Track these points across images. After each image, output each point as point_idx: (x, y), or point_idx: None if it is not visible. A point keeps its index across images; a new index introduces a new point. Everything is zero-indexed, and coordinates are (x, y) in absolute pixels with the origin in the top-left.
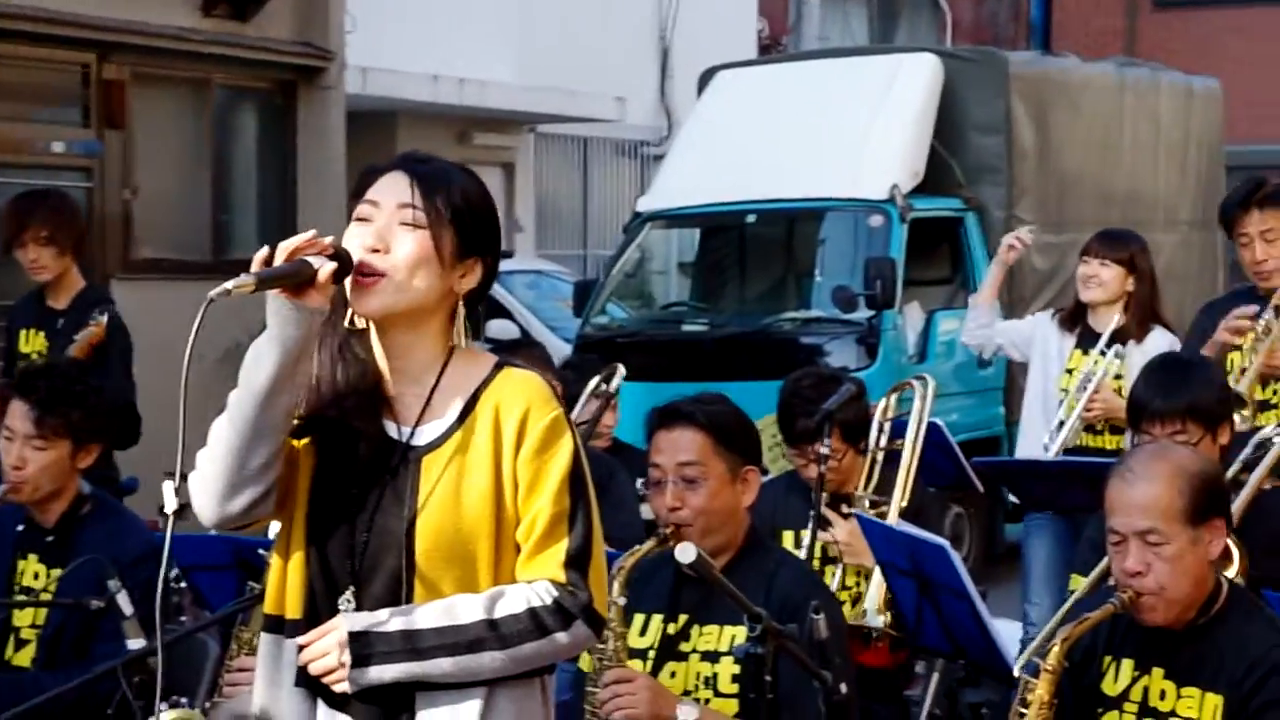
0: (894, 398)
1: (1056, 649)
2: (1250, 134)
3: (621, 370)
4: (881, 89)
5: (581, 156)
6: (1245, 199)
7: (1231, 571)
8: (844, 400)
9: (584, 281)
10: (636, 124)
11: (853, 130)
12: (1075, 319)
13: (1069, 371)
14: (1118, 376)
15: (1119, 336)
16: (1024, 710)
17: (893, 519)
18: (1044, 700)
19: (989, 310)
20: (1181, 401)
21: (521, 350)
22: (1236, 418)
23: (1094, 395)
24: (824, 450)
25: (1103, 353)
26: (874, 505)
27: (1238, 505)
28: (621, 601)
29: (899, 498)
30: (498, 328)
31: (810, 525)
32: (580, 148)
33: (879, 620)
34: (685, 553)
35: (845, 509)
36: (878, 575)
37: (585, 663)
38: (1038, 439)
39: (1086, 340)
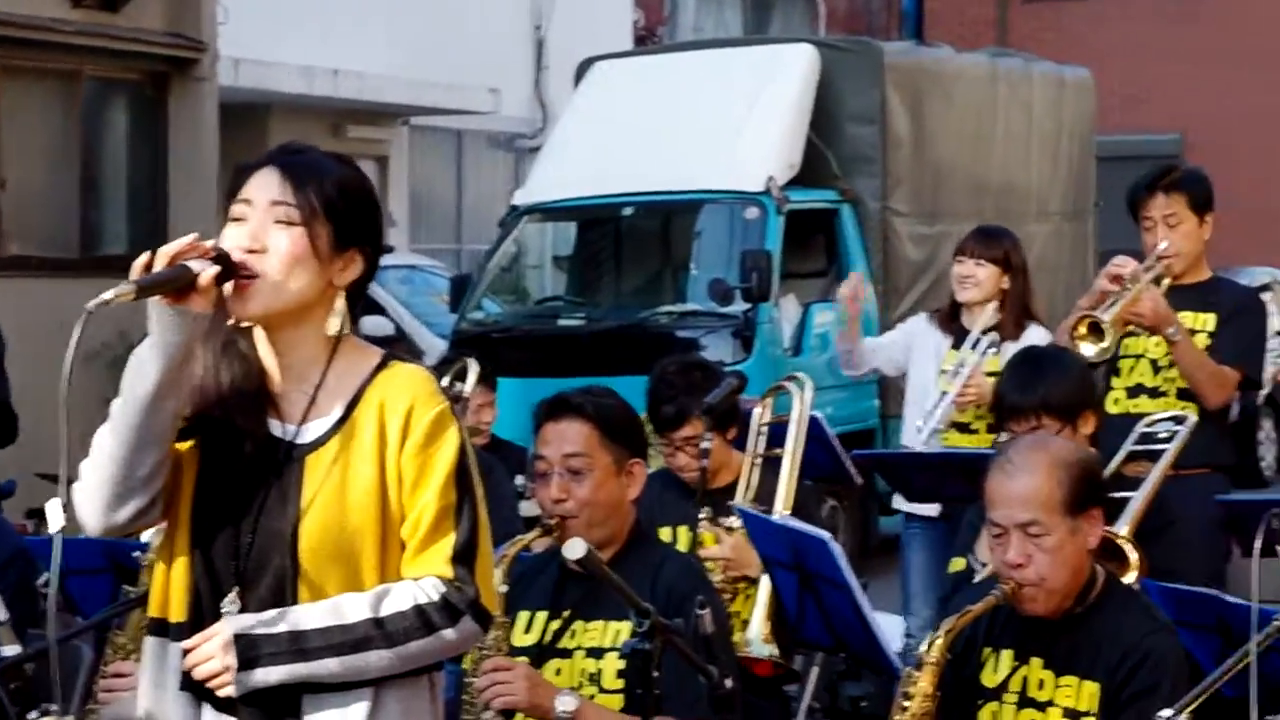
0: (771, 400)
1: (939, 641)
2: (1120, 124)
3: (475, 369)
4: (758, 80)
5: (456, 149)
6: (1153, 182)
7: (1130, 577)
8: (725, 394)
9: (460, 276)
10: (511, 116)
11: (729, 122)
12: (951, 318)
13: (944, 372)
14: (993, 374)
15: (993, 333)
16: (906, 703)
17: (781, 509)
18: (926, 692)
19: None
20: (1036, 396)
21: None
22: (1091, 349)
23: (968, 382)
24: (706, 445)
25: (973, 346)
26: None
27: (1134, 513)
28: (503, 589)
29: (782, 504)
30: (372, 324)
31: (695, 530)
32: (455, 140)
33: (765, 650)
34: (574, 548)
35: (725, 522)
36: (762, 600)
37: (467, 660)
38: (915, 440)
39: (963, 339)
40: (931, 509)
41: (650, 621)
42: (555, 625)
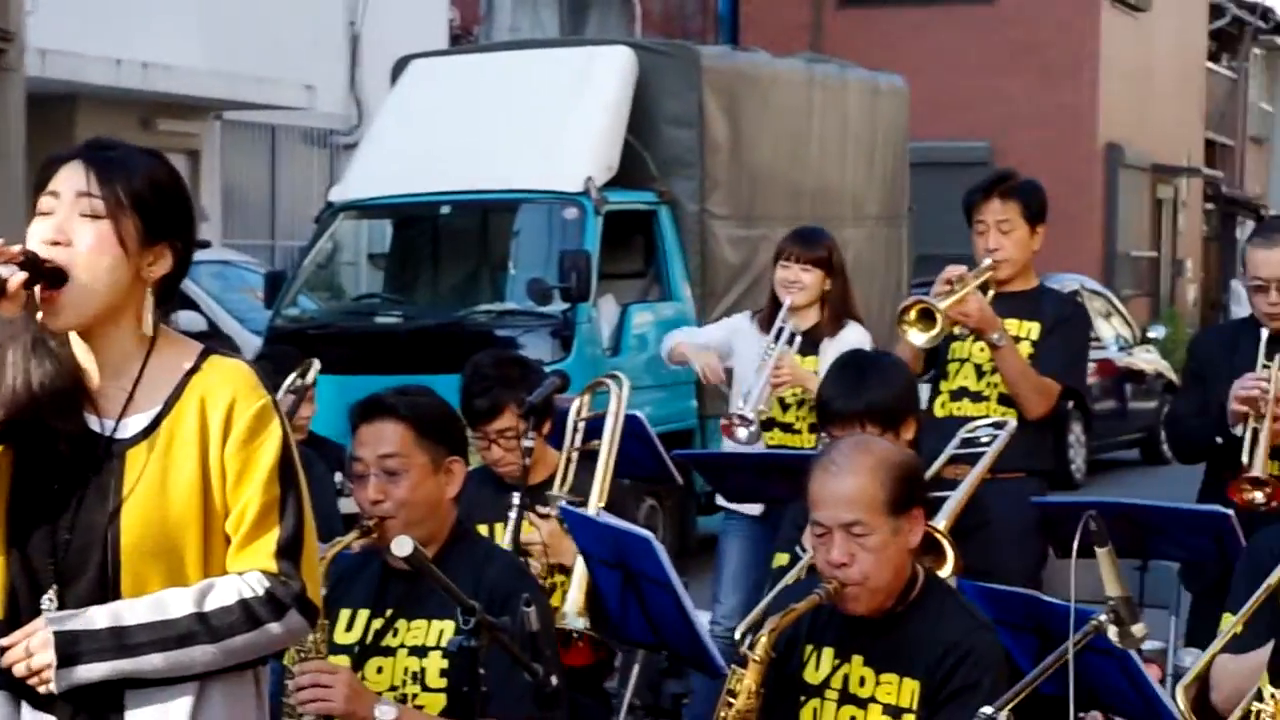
0: (589, 397)
1: (764, 639)
2: (931, 131)
3: (317, 364)
4: (576, 81)
5: (270, 145)
6: (990, 187)
7: (946, 571)
8: (547, 393)
9: (275, 272)
10: (326, 112)
11: (548, 122)
12: (773, 319)
13: None
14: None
15: (813, 334)
16: (731, 700)
17: (594, 509)
18: (751, 689)
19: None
20: (859, 403)
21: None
22: (921, 336)
23: (779, 363)
24: (529, 444)
25: (776, 338)
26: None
27: (952, 509)
28: (322, 593)
29: (597, 497)
30: (185, 320)
31: (509, 534)
32: (268, 136)
33: (579, 623)
34: (401, 545)
35: (542, 510)
36: (578, 576)
37: (288, 657)
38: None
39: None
40: (754, 508)
41: (476, 619)
42: (378, 624)
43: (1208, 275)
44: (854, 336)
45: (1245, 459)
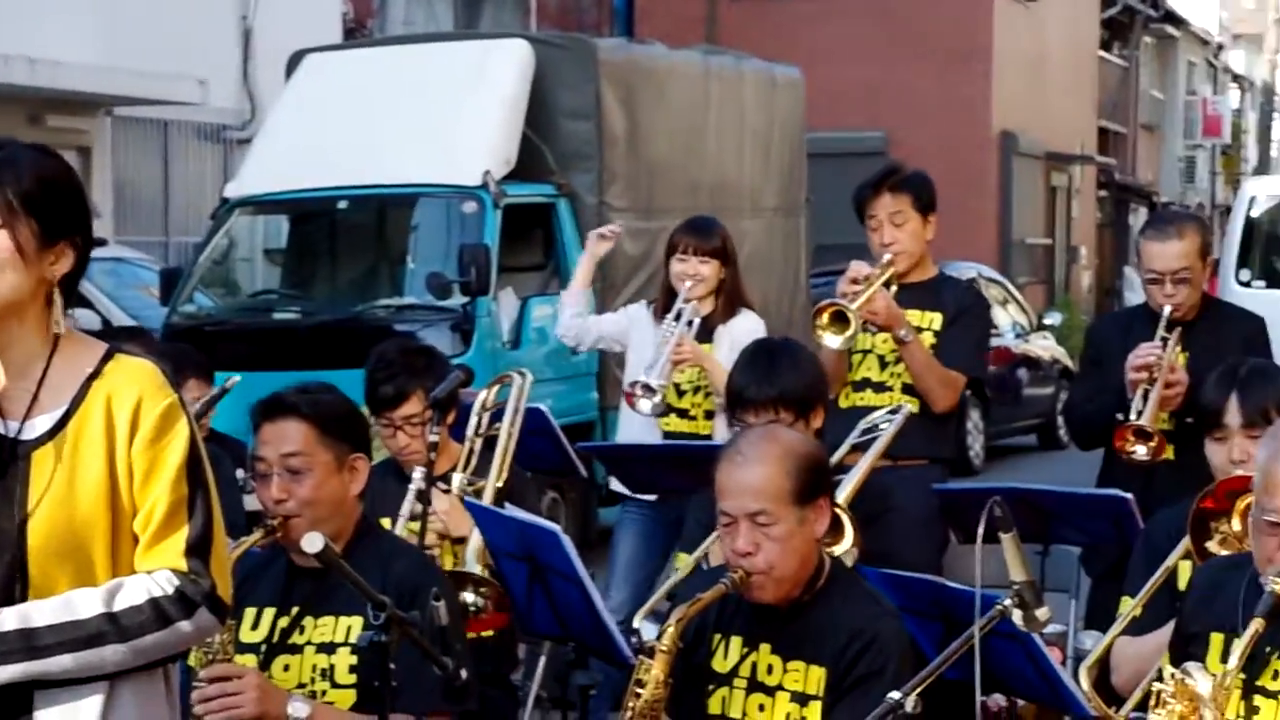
0: (494, 390)
1: (671, 629)
2: (826, 122)
3: (236, 378)
4: (473, 75)
5: (162, 140)
6: (879, 182)
7: (844, 546)
8: (452, 387)
9: (170, 269)
10: (219, 107)
11: (445, 116)
12: (668, 310)
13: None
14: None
15: (708, 322)
16: (639, 690)
17: (488, 500)
18: (659, 680)
19: (581, 300)
20: (773, 390)
21: (140, 337)
22: (836, 339)
23: (680, 341)
24: (434, 439)
25: (676, 318)
26: (470, 484)
27: (851, 486)
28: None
29: (494, 480)
30: (80, 318)
31: (407, 505)
32: (160, 131)
33: (477, 567)
34: (312, 542)
35: (442, 486)
36: (476, 534)
37: (193, 658)
38: (637, 426)
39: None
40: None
41: (386, 614)
42: (284, 622)
43: (1102, 262)
44: (748, 324)
45: (1134, 414)
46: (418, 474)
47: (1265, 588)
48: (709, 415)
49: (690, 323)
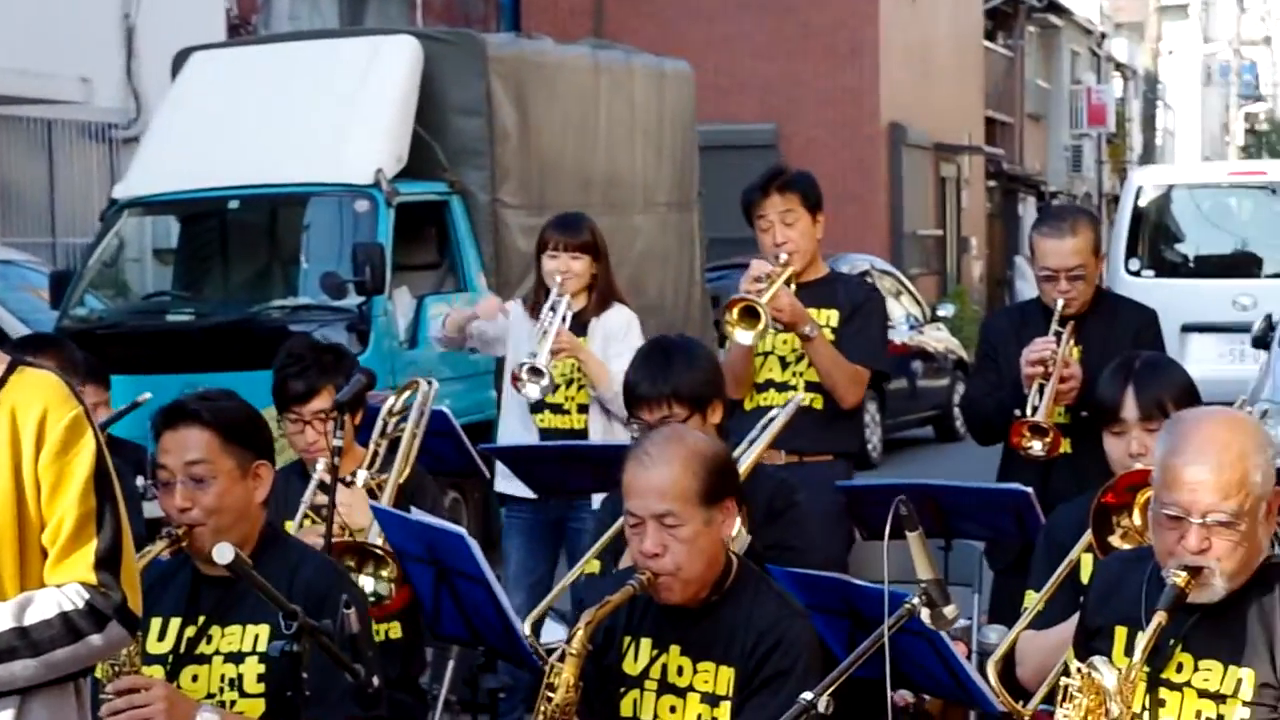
0: (403, 396)
1: (581, 633)
2: (715, 114)
3: (147, 395)
4: (361, 72)
5: (46, 140)
6: (766, 184)
7: (732, 532)
8: (356, 390)
9: (60, 272)
10: (104, 106)
11: (335, 114)
12: (541, 308)
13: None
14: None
15: (581, 317)
16: (551, 694)
17: (387, 500)
18: (569, 683)
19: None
20: (667, 386)
21: (49, 349)
22: (748, 334)
23: (558, 335)
24: (338, 443)
25: (552, 309)
26: (373, 479)
27: (745, 465)
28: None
29: (395, 476)
30: None
31: (308, 494)
32: (44, 130)
33: (379, 540)
34: (223, 553)
35: (348, 479)
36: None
37: (100, 670)
38: (516, 424)
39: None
40: (529, 492)
41: (298, 623)
42: (190, 631)
43: (992, 252)
44: (620, 317)
45: (1030, 409)
46: (320, 465)
47: (1167, 581)
48: (583, 409)
49: (565, 316)
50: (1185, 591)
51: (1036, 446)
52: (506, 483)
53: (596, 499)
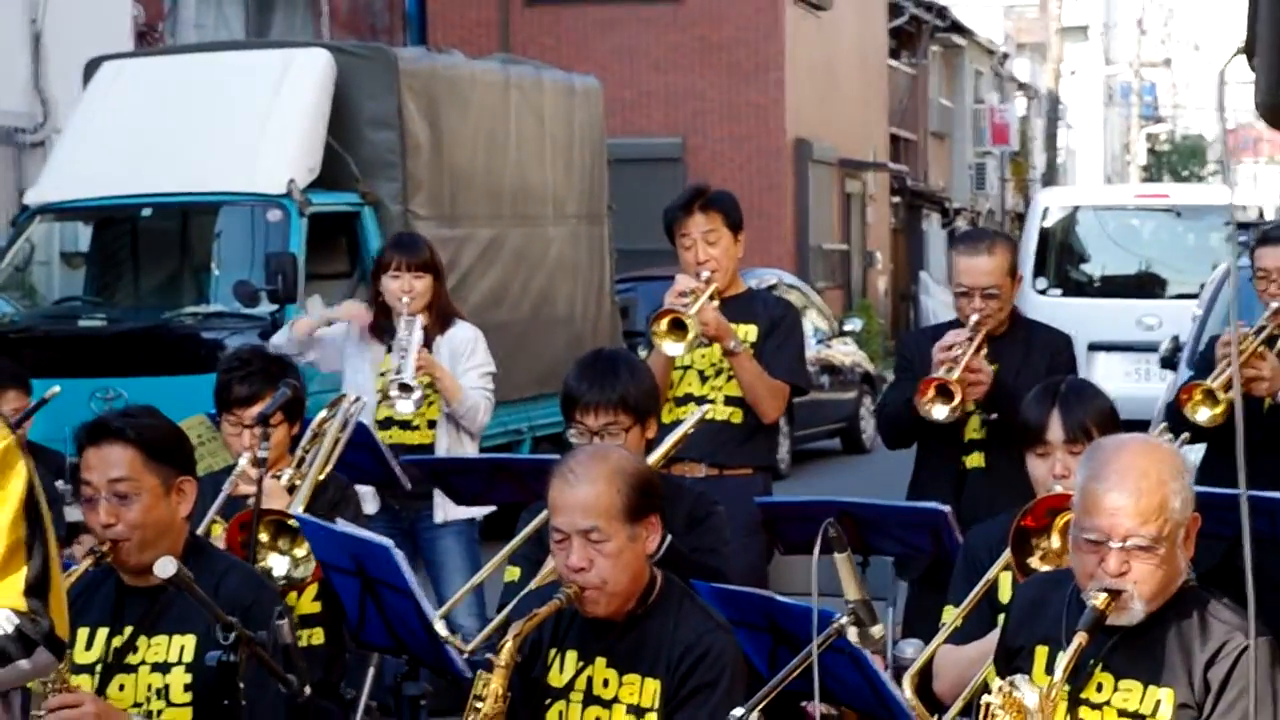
0: (338, 411)
1: (509, 644)
2: (622, 129)
3: (56, 389)
4: (274, 84)
5: None
6: (689, 202)
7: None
8: (280, 403)
9: None
10: (10, 110)
11: (247, 124)
12: (382, 326)
13: (383, 374)
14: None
15: (426, 334)
16: (479, 704)
17: (302, 498)
18: (498, 694)
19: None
20: (613, 394)
21: None
22: (677, 346)
23: (419, 355)
24: (263, 454)
25: (407, 329)
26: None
27: (656, 455)
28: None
29: (314, 474)
30: None
31: (231, 478)
32: None
33: (299, 509)
34: (164, 567)
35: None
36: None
37: (34, 683)
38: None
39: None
40: (371, 504)
41: (235, 634)
42: (117, 641)
43: (897, 267)
44: (466, 333)
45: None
46: (244, 458)
47: (1087, 603)
48: (432, 424)
49: (418, 336)
50: (1105, 613)
51: (941, 411)
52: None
53: (441, 507)
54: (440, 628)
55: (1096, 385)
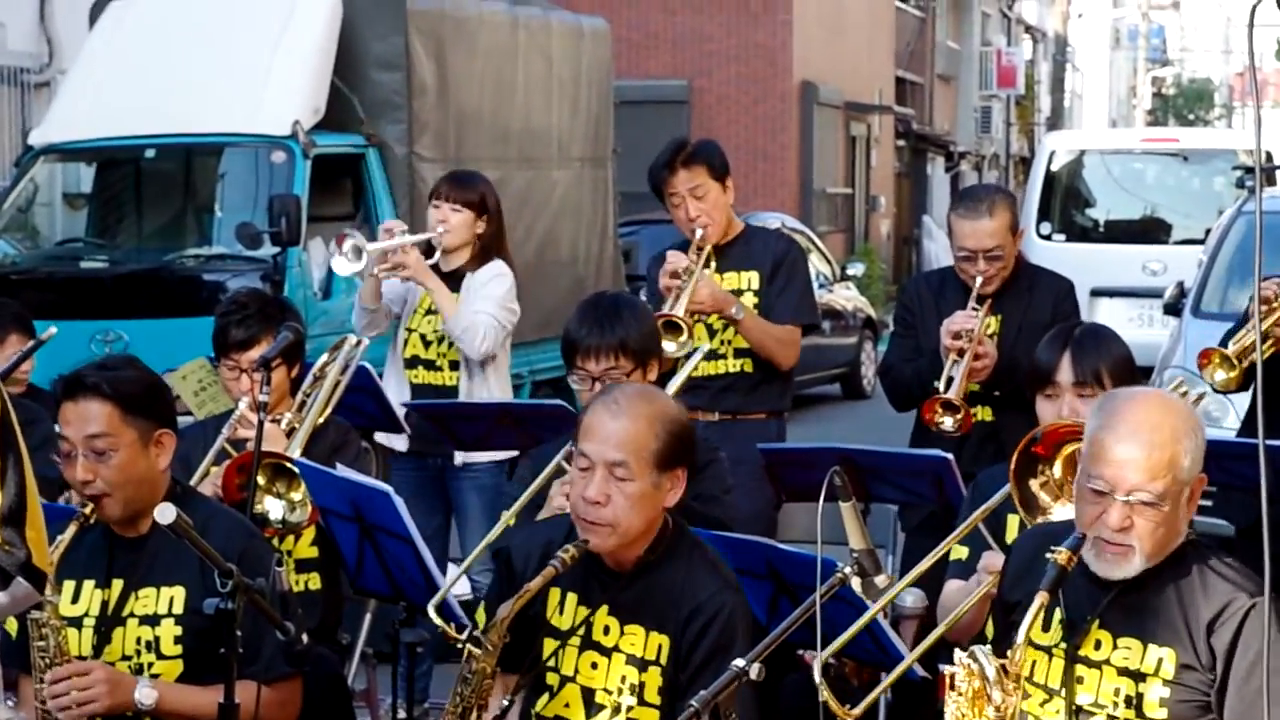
0: (339, 354)
1: (498, 626)
2: (628, 71)
3: (53, 330)
4: (280, 23)
5: None
6: (670, 160)
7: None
8: (281, 347)
9: None
10: (16, 50)
11: (252, 65)
12: (430, 257)
13: (431, 312)
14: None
15: (459, 273)
16: (469, 677)
17: (300, 441)
18: (486, 673)
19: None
20: (614, 337)
21: None
22: (672, 345)
23: (405, 250)
24: (264, 398)
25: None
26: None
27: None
28: (52, 558)
29: (313, 416)
30: None
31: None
32: None
33: (297, 452)
34: (164, 514)
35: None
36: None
37: (35, 657)
38: (393, 381)
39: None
40: (400, 442)
41: (233, 582)
42: (108, 595)
43: (900, 211)
44: (490, 270)
45: (945, 381)
46: (243, 403)
47: (1051, 560)
48: (454, 366)
49: (431, 247)
50: (1066, 570)
51: (948, 423)
52: (386, 437)
53: (473, 457)
54: (434, 615)
55: (1115, 332)
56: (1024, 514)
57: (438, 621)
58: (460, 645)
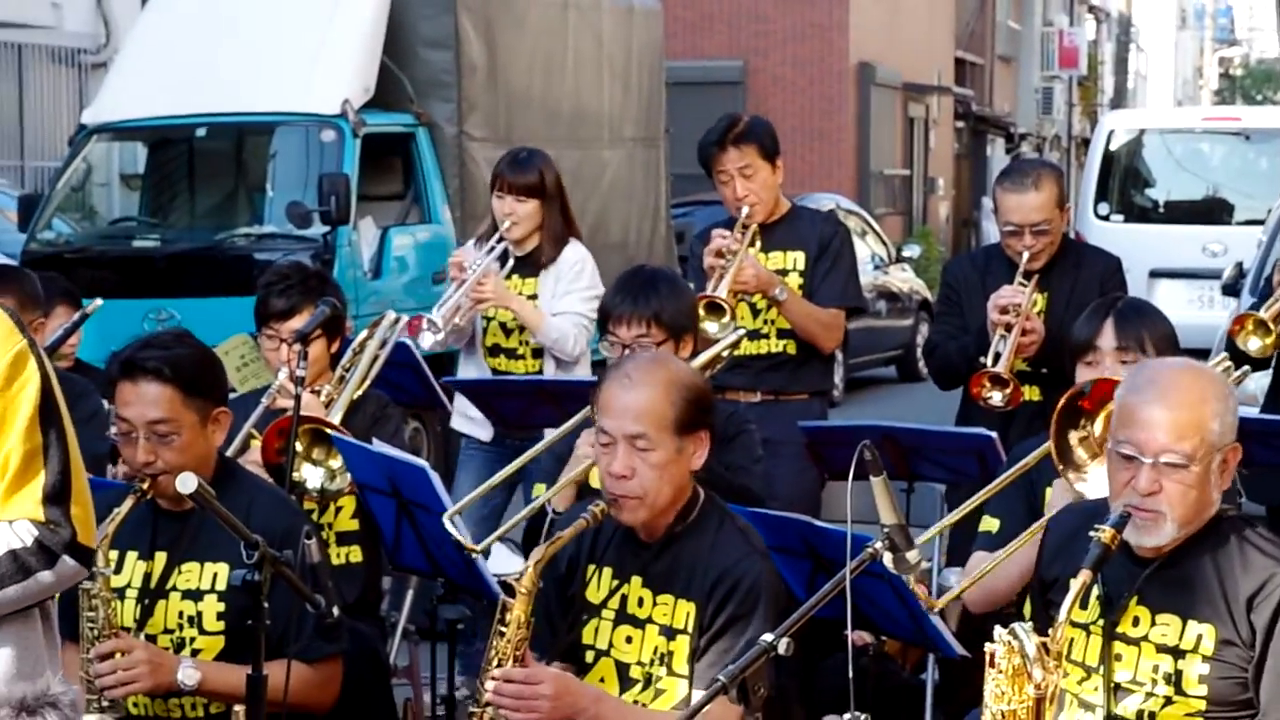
0: (378, 330)
1: (530, 571)
2: (684, 51)
3: (99, 302)
4: (330, 2)
5: (16, 64)
6: (721, 138)
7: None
8: (319, 321)
9: (29, 195)
10: (74, 31)
11: (303, 44)
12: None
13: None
14: (533, 296)
15: (534, 257)
16: (503, 629)
17: (339, 412)
18: (521, 620)
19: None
20: (648, 309)
21: (10, 282)
22: (715, 325)
23: (482, 279)
24: (301, 373)
25: (487, 251)
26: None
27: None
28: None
29: (351, 391)
30: None
31: (269, 394)
32: (14, 54)
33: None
34: (185, 483)
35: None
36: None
37: (83, 634)
38: (473, 370)
39: (519, 268)
40: (485, 431)
41: (260, 553)
42: (152, 567)
43: (959, 193)
44: (573, 255)
45: (992, 357)
46: (282, 374)
47: (1092, 537)
48: (537, 354)
49: (505, 257)
50: (1110, 548)
51: (996, 397)
52: (464, 423)
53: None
54: (449, 525)
55: (1158, 309)
56: (1058, 463)
57: (450, 529)
58: (476, 554)
